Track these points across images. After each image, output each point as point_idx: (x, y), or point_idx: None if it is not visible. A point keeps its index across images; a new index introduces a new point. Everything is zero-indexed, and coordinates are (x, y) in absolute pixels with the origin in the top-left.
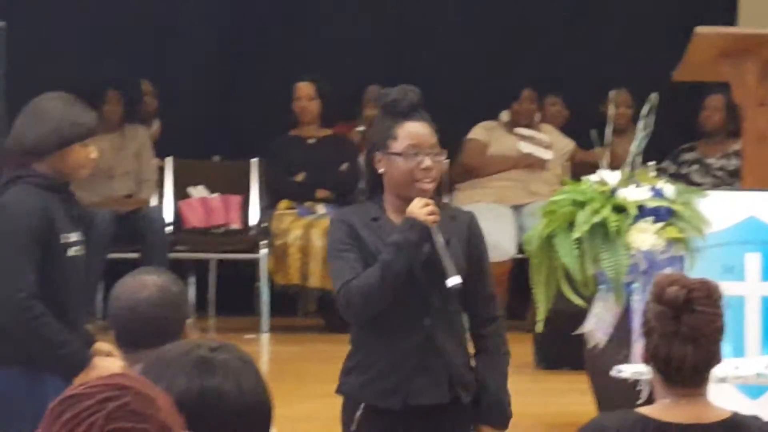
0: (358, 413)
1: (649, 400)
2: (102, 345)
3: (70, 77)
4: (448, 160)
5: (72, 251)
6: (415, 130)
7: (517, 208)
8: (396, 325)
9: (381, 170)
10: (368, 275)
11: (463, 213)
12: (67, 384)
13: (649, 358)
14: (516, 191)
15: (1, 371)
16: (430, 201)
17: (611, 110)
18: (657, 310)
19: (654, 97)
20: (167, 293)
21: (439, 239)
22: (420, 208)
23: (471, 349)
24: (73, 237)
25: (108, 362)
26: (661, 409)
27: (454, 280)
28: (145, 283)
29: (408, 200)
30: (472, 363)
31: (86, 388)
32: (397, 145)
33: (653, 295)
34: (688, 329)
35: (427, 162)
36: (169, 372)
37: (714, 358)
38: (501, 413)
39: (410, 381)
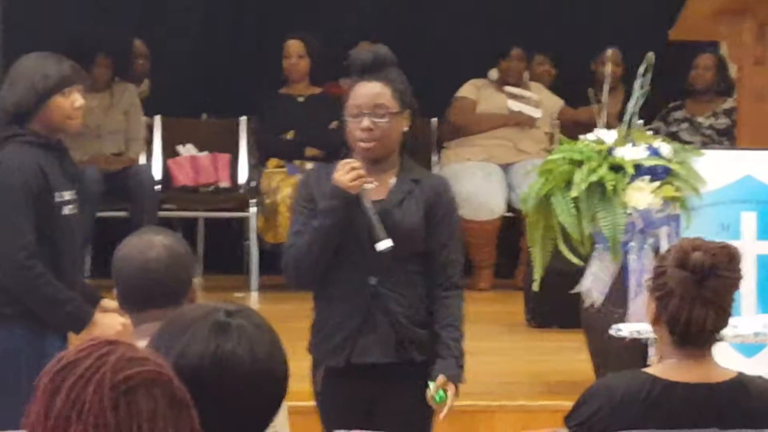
0: (320, 373)
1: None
2: (108, 302)
3: (61, 40)
4: (387, 122)
5: (67, 209)
6: (360, 91)
7: (506, 167)
8: (342, 284)
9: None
10: (301, 242)
11: (432, 178)
12: (64, 343)
13: (666, 321)
14: (505, 149)
15: (2, 330)
16: (357, 164)
17: (607, 69)
18: (681, 275)
19: (650, 56)
20: (175, 253)
21: (367, 203)
22: (344, 175)
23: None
24: (68, 195)
25: (110, 318)
26: (668, 369)
27: (383, 244)
28: (153, 243)
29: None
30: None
31: (74, 354)
32: (348, 105)
33: (676, 260)
34: (712, 294)
35: (365, 122)
36: (186, 334)
37: (728, 319)
38: (457, 367)
39: (355, 339)
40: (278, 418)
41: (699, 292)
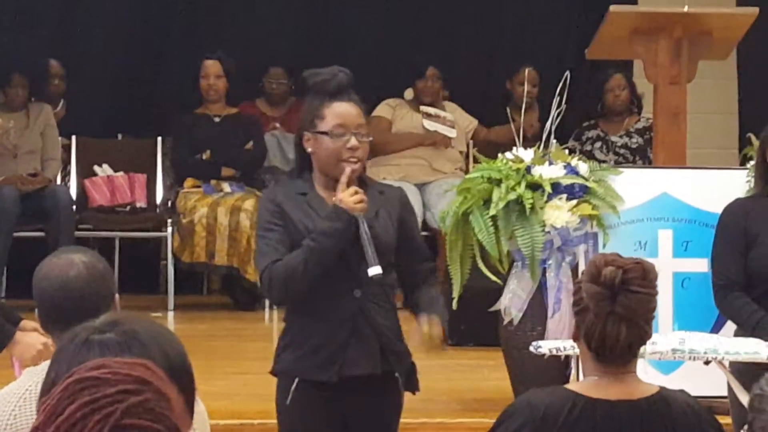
0: (293, 387)
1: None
2: (28, 322)
3: None
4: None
5: None
6: (341, 110)
7: (421, 186)
8: (327, 298)
9: (309, 149)
10: (293, 258)
11: (392, 188)
12: None
13: (582, 336)
14: (420, 169)
15: None
16: (359, 189)
17: (525, 88)
18: (593, 290)
19: (567, 75)
20: (95, 270)
21: (365, 228)
22: (350, 197)
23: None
24: None
25: (31, 337)
26: (590, 386)
27: (374, 270)
28: (73, 261)
29: (335, 179)
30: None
31: (107, 372)
32: (324, 125)
33: (589, 275)
34: (624, 309)
35: (353, 141)
36: (59, 356)
37: (646, 336)
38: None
39: (344, 352)
40: None
41: (612, 307)
